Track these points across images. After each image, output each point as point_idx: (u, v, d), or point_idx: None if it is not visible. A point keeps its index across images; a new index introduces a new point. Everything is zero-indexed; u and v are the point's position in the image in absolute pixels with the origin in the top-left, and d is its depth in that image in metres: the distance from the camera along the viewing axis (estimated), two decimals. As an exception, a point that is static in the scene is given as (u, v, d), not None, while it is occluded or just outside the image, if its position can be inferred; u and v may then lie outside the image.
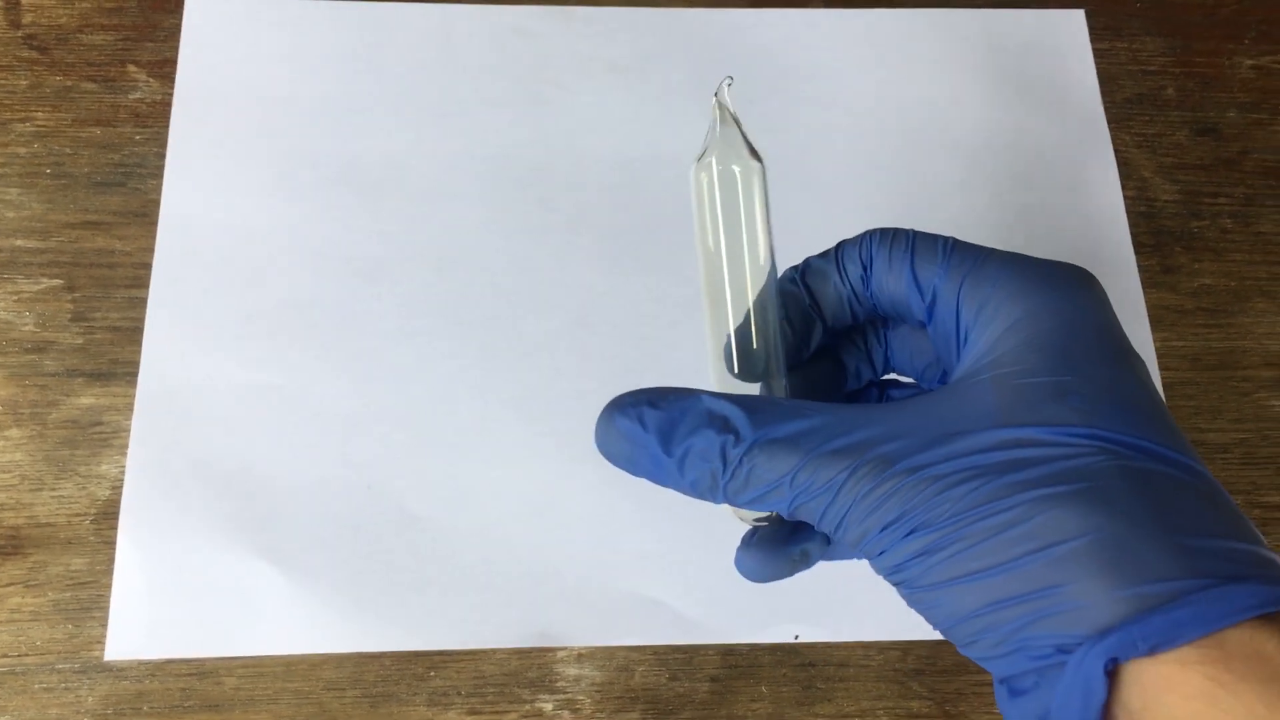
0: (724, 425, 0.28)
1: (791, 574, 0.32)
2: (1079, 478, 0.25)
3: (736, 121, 0.34)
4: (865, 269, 0.33)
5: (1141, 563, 0.24)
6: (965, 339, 0.30)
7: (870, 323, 0.35)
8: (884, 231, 0.33)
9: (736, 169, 0.33)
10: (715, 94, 0.34)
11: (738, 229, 0.33)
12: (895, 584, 0.27)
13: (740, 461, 0.28)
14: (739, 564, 0.33)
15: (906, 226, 0.33)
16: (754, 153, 0.34)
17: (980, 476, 0.26)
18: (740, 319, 0.32)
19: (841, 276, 0.33)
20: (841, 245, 0.33)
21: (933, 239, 0.32)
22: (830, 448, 0.27)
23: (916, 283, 0.31)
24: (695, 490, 0.29)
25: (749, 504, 0.29)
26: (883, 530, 0.26)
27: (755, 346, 0.32)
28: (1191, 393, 0.54)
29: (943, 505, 0.26)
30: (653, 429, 0.29)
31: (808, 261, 0.34)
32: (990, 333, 0.29)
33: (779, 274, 0.34)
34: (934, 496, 0.26)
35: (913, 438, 0.27)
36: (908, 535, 0.26)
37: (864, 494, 0.27)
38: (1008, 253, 0.31)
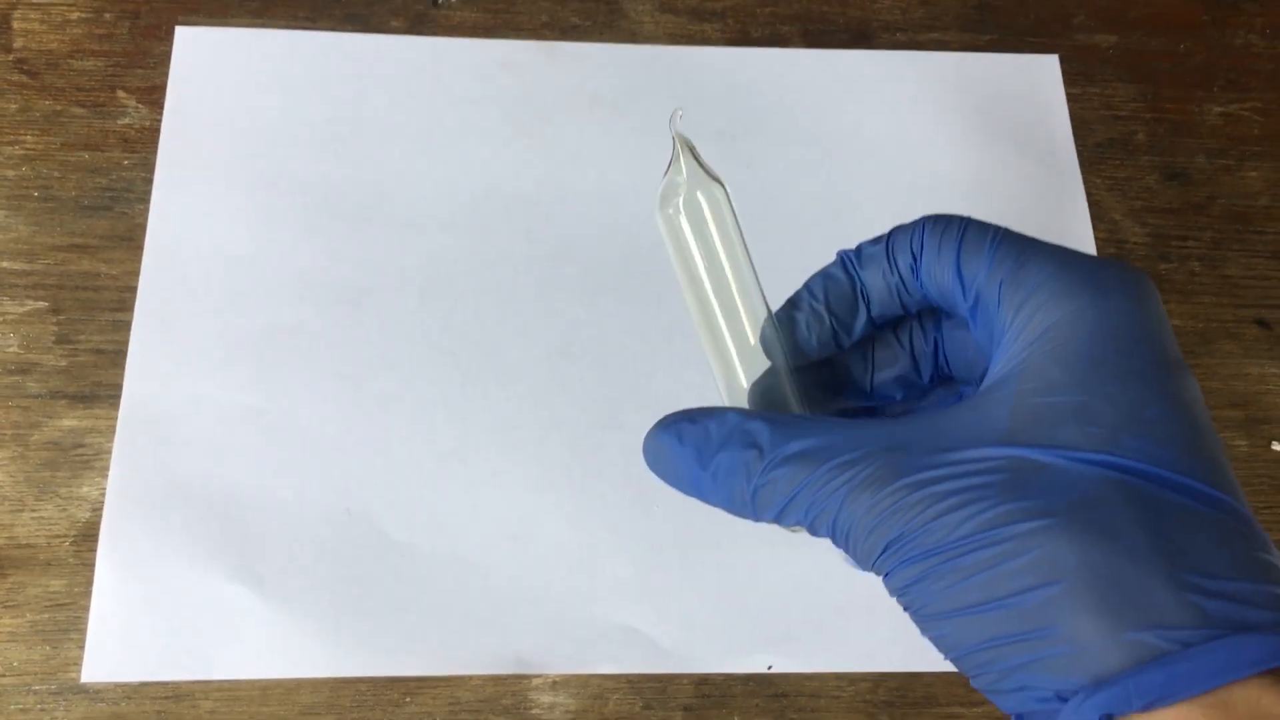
0: (749, 441, 0.28)
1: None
2: (1081, 508, 0.23)
3: (692, 149, 0.34)
4: (915, 258, 0.31)
5: (1142, 605, 0.22)
6: (1000, 344, 0.28)
7: (921, 316, 0.34)
8: (937, 219, 0.31)
9: (702, 196, 0.33)
10: (670, 125, 0.34)
11: (717, 252, 0.33)
12: (903, 608, 0.27)
13: (763, 476, 0.27)
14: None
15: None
16: (713, 176, 0.34)
17: (980, 500, 0.24)
18: (741, 340, 0.32)
19: (890, 264, 0.32)
20: (894, 231, 0.32)
21: (983, 229, 0.30)
22: (838, 460, 0.26)
23: (960, 277, 0.30)
24: (730, 504, 0.29)
25: (777, 518, 0.28)
26: (885, 550, 0.26)
27: (758, 369, 0.32)
28: (1159, 431, 0.56)
29: (941, 529, 0.25)
30: (689, 443, 0.29)
31: (860, 247, 0.33)
32: (1024, 339, 0.27)
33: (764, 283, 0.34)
34: (933, 520, 0.25)
35: (919, 452, 0.26)
36: (908, 560, 0.25)
37: (866, 509, 0.26)
38: (1055, 247, 0.29)
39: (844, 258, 0.33)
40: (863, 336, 0.33)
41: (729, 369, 0.34)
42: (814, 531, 0.28)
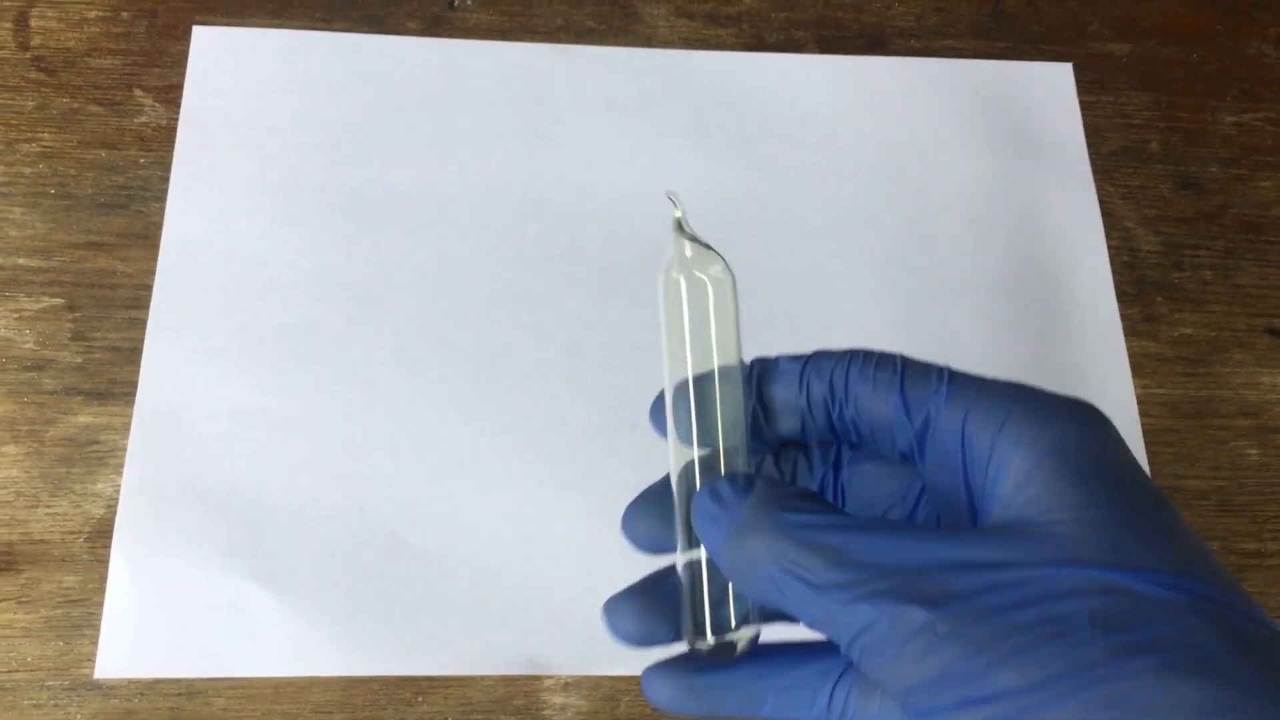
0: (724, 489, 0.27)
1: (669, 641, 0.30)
2: (1186, 642, 0.21)
3: (692, 235, 0.34)
4: (838, 389, 0.30)
5: None
6: (987, 472, 0.26)
7: (820, 446, 0.32)
8: (868, 354, 0.30)
9: (687, 279, 0.33)
10: (671, 202, 0.34)
11: (702, 337, 0.32)
12: None
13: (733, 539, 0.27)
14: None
15: (894, 351, 0.30)
16: (722, 266, 0.33)
17: (1068, 634, 0.21)
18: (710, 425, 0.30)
19: (802, 387, 0.30)
20: (816, 356, 0.30)
21: (926, 366, 0.29)
22: (873, 560, 0.24)
23: (906, 408, 0.28)
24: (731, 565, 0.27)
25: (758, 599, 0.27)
26: (932, 685, 0.22)
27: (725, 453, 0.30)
28: (1170, 440, 0.56)
29: (1023, 667, 0.21)
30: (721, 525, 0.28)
31: (778, 361, 0.31)
32: (1022, 464, 0.25)
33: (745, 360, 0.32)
34: (1013, 655, 0.21)
35: (975, 572, 0.23)
36: (969, 702, 0.22)
37: (911, 632, 0.23)
38: (1013, 383, 0.28)
39: (756, 368, 0.31)
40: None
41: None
42: (813, 628, 0.26)
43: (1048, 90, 0.63)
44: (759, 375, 0.31)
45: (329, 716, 0.48)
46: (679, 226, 0.34)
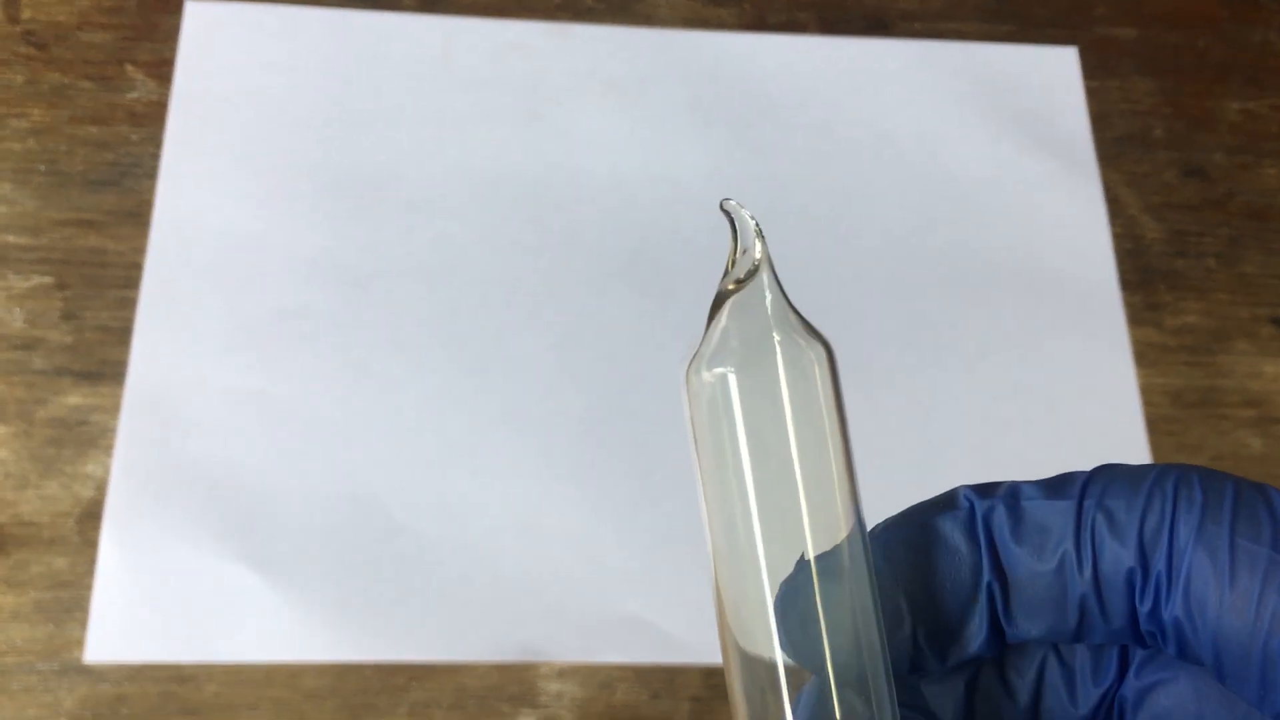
0: None
1: None
2: None
3: (777, 284, 0.21)
4: (1155, 559, 0.18)
5: None
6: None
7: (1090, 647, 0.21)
8: (1200, 475, 0.18)
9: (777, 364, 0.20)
10: (730, 217, 0.21)
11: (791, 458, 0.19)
12: None
13: None
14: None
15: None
16: (808, 328, 0.21)
17: None
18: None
19: (1083, 552, 0.19)
20: (1096, 479, 0.19)
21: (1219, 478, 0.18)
22: None
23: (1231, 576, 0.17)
24: None
25: None
26: None
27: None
28: (1173, 429, 0.55)
29: None
30: None
31: (1018, 488, 0.19)
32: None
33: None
34: None
35: None
36: None
37: None
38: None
39: (972, 509, 0.20)
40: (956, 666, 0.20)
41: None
42: None
43: (1052, 74, 0.63)
44: (980, 529, 0.19)
45: (321, 702, 0.47)
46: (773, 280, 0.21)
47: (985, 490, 0.20)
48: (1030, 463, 0.53)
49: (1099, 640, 0.19)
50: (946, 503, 0.20)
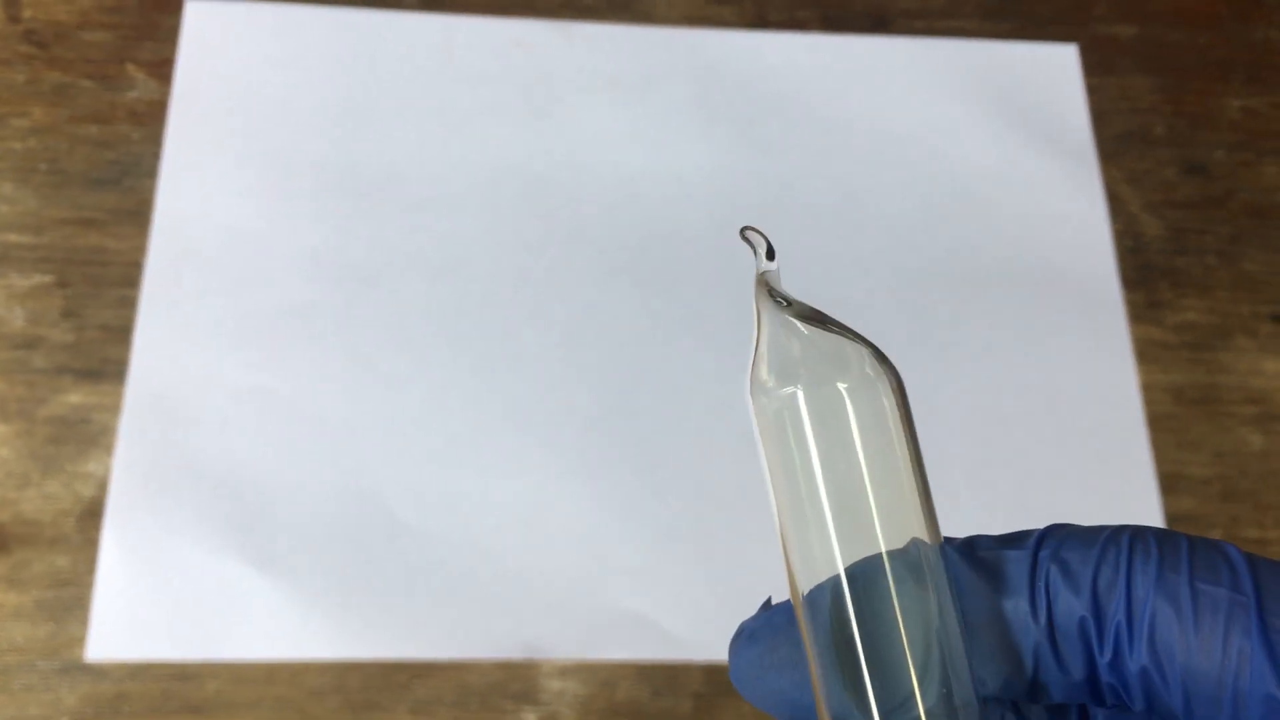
0: None
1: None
2: None
3: (821, 316, 0.21)
4: (1111, 612, 0.18)
5: None
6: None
7: (1046, 707, 0.20)
8: (1155, 536, 0.19)
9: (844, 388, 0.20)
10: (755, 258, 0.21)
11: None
12: None
13: None
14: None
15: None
16: (877, 355, 0.20)
17: None
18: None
19: (1037, 604, 0.19)
20: (1048, 536, 0.19)
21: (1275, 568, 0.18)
22: None
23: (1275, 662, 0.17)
24: None
25: None
26: None
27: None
28: (1174, 426, 0.55)
29: None
30: None
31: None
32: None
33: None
34: None
35: None
36: None
37: None
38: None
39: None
40: None
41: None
42: None
43: (1053, 72, 0.63)
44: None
45: (323, 700, 0.47)
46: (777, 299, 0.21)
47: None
48: (1031, 459, 0.53)
49: (1058, 698, 0.19)
50: (903, 551, 0.20)
